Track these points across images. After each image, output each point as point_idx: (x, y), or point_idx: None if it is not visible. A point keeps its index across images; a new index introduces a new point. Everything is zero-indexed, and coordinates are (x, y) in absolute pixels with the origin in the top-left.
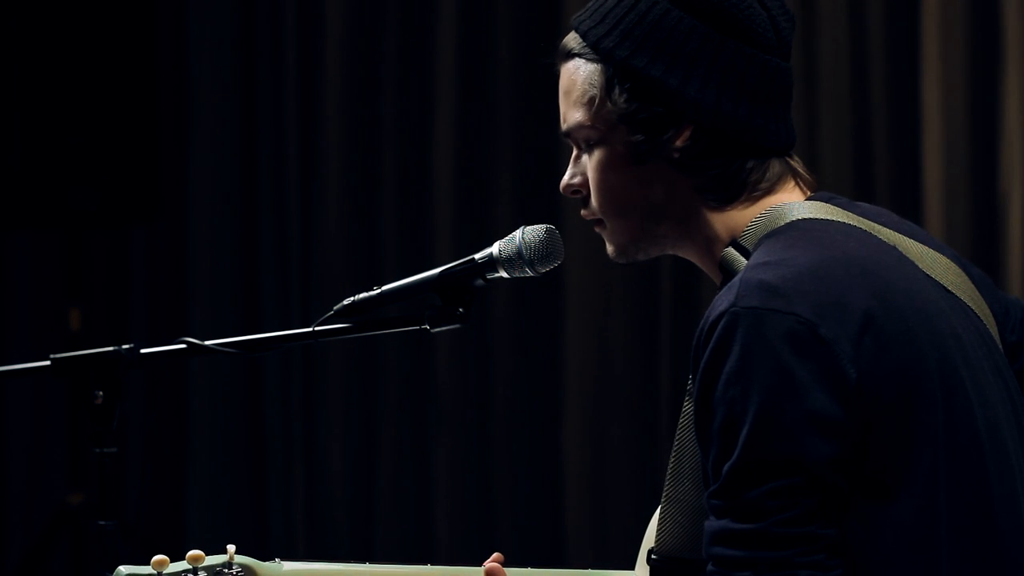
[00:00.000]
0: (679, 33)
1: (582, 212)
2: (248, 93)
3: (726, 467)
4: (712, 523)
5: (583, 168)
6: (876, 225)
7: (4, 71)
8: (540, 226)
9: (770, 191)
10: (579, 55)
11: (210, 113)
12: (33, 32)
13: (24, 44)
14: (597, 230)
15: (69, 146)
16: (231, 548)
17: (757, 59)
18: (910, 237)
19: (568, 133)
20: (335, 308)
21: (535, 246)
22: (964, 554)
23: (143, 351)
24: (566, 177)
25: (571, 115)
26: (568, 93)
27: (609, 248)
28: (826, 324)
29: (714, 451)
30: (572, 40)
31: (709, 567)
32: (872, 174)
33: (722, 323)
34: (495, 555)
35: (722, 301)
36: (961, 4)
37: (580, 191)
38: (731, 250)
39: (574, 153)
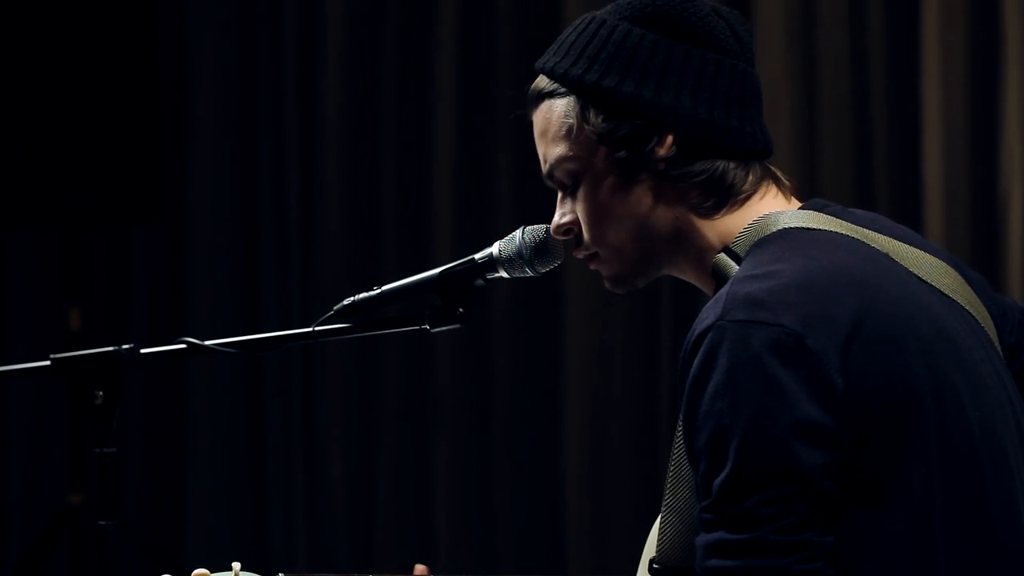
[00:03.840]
0: (643, 48)
1: (575, 252)
2: (248, 93)
3: (717, 481)
4: (705, 537)
5: (570, 208)
6: (869, 232)
7: (4, 71)
8: (540, 226)
9: (754, 194)
10: (549, 94)
11: (210, 113)
12: (33, 32)
13: (24, 44)
14: (593, 267)
15: (69, 146)
16: (236, 565)
17: (724, 64)
18: (904, 242)
19: (551, 174)
20: (335, 308)
21: (535, 246)
22: (960, 559)
23: (143, 351)
24: (556, 218)
25: (551, 152)
26: (544, 133)
27: (606, 282)
28: (813, 335)
29: (704, 465)
30: (540, 82)
31: None
32: (872, 174)
33: (708, 337)
34: (419, 568)
35: (708, 315)
36: (961, 4)
37: (572, 229)
38: (723, 256)
39: (560, 196)
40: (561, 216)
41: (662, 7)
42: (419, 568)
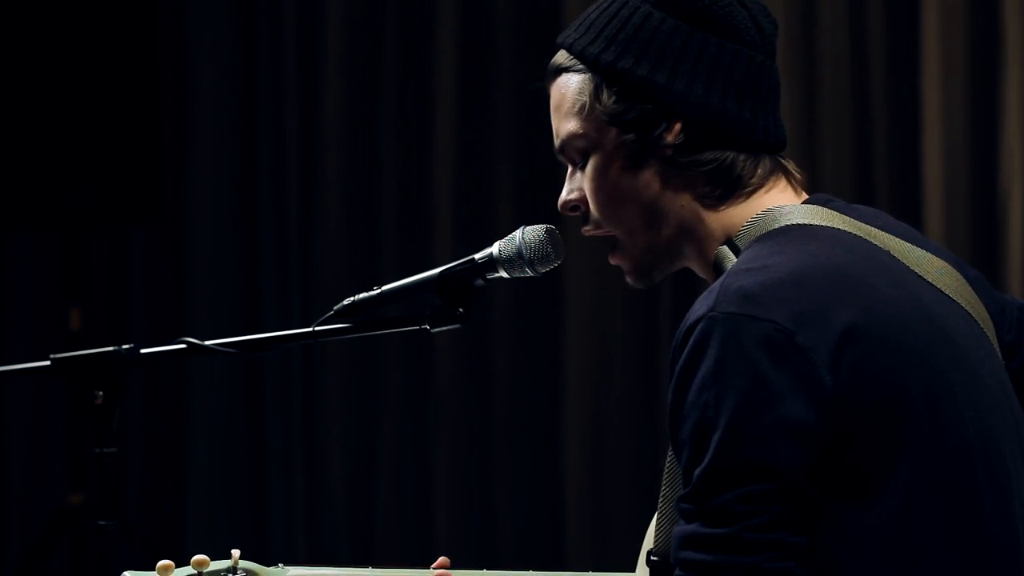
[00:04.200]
0: (662, 33)
1: (583, 229)
2: (248, 93)
3: (697, 471)
4: (681, 527)
5: (579, 184)
6: (872, 229)
7: (4, 71)
8: (540, 226)
9: (762, 187)
10: (567, 69)
11: (210, 113)
12: (33, 32)
13: (24, 44)
14: (613, 261)
15: (69, 146)
16: (236, 553)
17: (741, 54)
18: (906, 240)
19: (562, 149)
20: (335, 308)
21: (535, 246)
22: (948, 560)
23: (143, 351)
24: (563, 194)
25: (563, 127)
26: (559, 108)
27: (627, 277)
28: (804, 332)
29: (686, 455)
30: (559, 57)
31: (676, 572)
32: (872, 174)
33: (699, 328)
34: (441, 559)
35: (700, 306)
36: (961, 4)
37: (579, 207)
38: (724, 248)
39: (569, 171)
40: (569, 192)
41: None
42: (441, 559)
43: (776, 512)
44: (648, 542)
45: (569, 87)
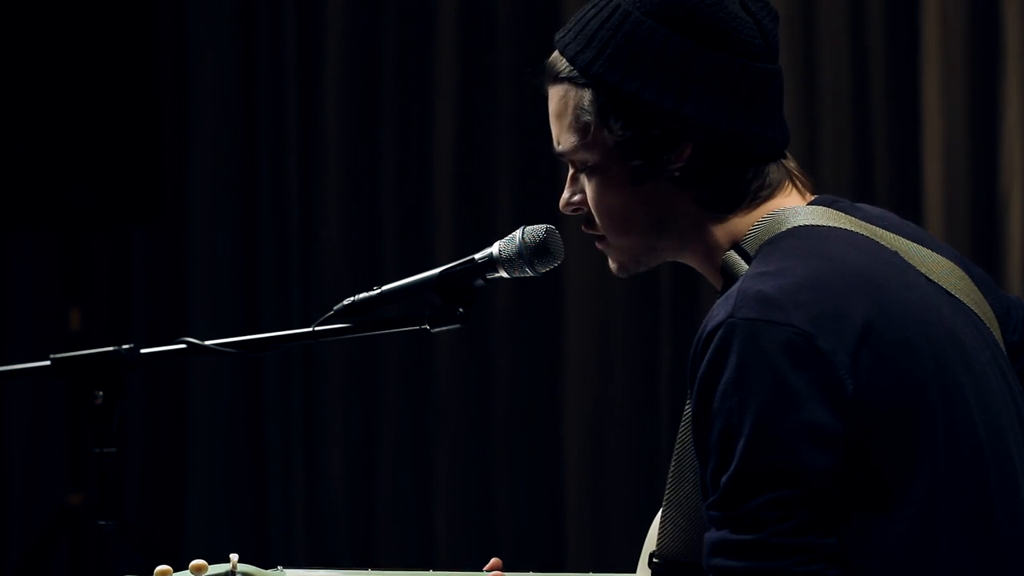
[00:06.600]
0: (668, 52)
1: (584, 228)
2: (248, 93)
3: (724, 478)
4: (711, 534)
5: (581, 187)
6: (878, 229)
7: (4, 71)
8: (540, 226)
9: (770, 197)
10: (568, 79)
11: (210, 113)
12: (33, 32)
13: (24, 44)
14: (599, 247)
15: (69, 146)
16: (234, 557)
17: (748, 68)
18: (912, 240)
19: (563, 155)
20: (335, 308)
21: (535, 246)
22: (964, 562)
23: (143, 351)
24: (565, 195)
25: (565, 139)
26: (560, 117)
27: (612, 265)
28: (823, 335)
29: (712, 462)
30: (560, 62)
31: None
32: (872, 174)
33: (719, 334)
34: (493, 560)
35: (719, 312)
36: (961, 4)
37: (581, 208)
38: (732, 254)
39: (571, 172)
40: (572, 194)
41: (690, 6)
42: (494, 560)
43: (804, 516)
44: (650, 544)
45: (570, 99)
